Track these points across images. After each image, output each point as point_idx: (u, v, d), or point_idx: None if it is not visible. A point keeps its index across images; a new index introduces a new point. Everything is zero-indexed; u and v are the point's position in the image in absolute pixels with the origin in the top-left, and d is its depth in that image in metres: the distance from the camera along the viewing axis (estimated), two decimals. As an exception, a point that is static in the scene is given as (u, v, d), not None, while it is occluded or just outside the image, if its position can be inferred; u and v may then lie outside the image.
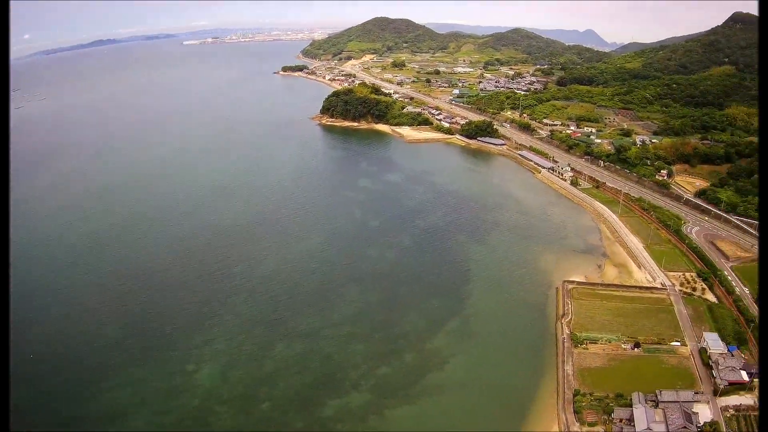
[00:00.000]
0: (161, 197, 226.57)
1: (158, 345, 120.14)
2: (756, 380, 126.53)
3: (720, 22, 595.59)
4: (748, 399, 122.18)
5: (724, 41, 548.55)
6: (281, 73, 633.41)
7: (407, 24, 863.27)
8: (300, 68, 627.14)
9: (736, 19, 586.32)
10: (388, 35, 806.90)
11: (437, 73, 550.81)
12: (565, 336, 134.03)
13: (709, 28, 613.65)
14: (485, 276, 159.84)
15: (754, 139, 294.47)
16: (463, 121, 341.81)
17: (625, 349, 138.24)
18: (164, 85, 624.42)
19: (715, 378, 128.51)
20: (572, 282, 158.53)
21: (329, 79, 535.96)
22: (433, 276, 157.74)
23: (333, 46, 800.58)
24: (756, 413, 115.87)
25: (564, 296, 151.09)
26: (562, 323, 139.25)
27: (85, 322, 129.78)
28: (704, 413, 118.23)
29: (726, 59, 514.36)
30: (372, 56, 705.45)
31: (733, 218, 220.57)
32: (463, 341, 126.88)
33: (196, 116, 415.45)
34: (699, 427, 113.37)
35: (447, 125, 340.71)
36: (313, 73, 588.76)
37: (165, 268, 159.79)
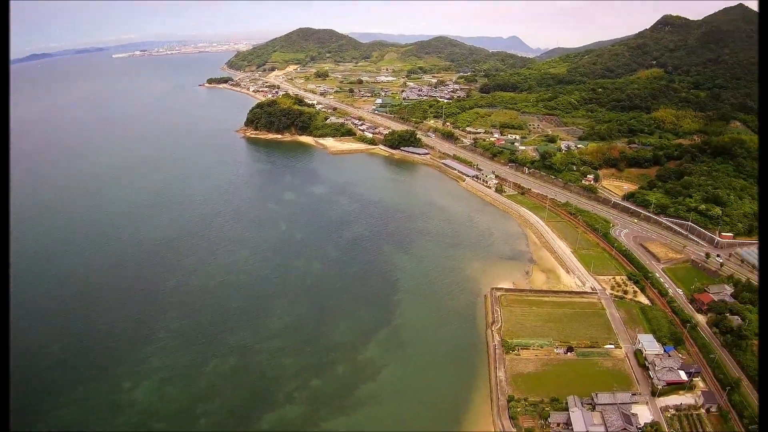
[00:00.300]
0: (88, 213, 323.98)
1: (97, 363, 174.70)
2: (696, 380, 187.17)
3: (648, 26, 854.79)
4: (689, 398, 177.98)
5: (653, 44, 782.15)
6: (206, 85, 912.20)
7: (331, 34, 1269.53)
8: (225, 80, 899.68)
9: (666, 21, 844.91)
10: (312, 45, 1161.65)
11: (360, 82, 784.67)
12: (495, 343, 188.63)
13: (636, 32, 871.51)
14: (413, 285, 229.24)
15: (684, 141, 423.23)
16: (386, 131, 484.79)
17: (557, 353, 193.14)
18: (89, 101, 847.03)
19: (652, 379, 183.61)
20: (500, 289, 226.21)
21: (253, 91, 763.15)
22: (361, 287, 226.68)
23: (257, 57, 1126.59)
24: (698, 412, 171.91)
25: (493, 303, 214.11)
26: (492, 330, 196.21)
27: (27, 340, 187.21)
28: (644, 414, 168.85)
29: (654, 62, 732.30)
30: (296, 67, 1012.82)
31: (664, 220, 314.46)
32: (395, 351, 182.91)
33: (119, 133, 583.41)
34: (639, 428, 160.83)
35: (370, 136, 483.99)
36: (237, 84, 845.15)
37: (100, 285, 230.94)
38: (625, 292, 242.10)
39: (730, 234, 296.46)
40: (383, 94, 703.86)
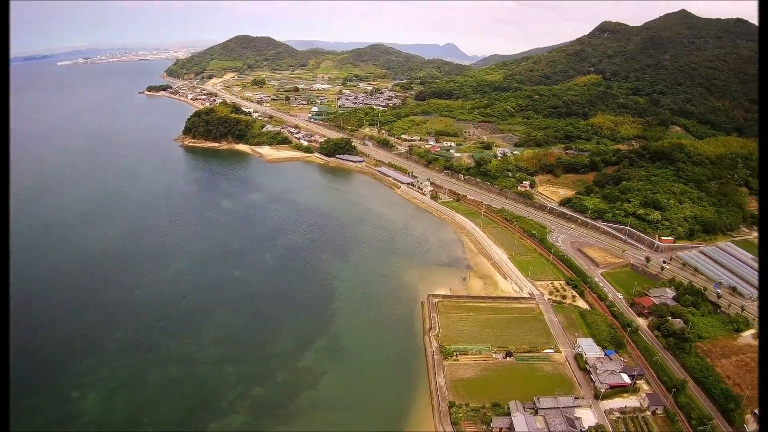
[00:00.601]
0: (26, 225, 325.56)
1: (45, 374, 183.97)
2: (639, 382, 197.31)
3: (586, 32, 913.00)
4: (633, 401, 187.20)
5: (591, 50, 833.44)
6: (146, 93, 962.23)
7: (268, 42, 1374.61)
8: (164, 88, 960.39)
9: (604, 28, 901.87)
10: (250, 53, 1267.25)
11: (296, 90, 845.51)
12: (434, 349, 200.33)
13: (574, 38, 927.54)
14: (351, 293, 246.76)
15: (622, 146, 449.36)
16: (321, 139, 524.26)
17: (496, 358, 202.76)
18: (24, 112, 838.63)
19: (594, 382, 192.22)
20: (437, 296, 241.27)
21: (191, 99, 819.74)
22: (299, 295, 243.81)
23: (196, 65, 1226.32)
24: (643, 414, 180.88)
25: (430, 310, 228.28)
26: (429, 337, 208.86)
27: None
28: (587, 418, 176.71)
29: (592, 68, 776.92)
30: (233, 74, 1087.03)
31: (602, 225, 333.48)
32: (334, 358, 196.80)
33: (59, 142, 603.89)
34: (584, 431, 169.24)
35: (306, 143, 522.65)
36: (176, 92, 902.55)
37: (44, 295, 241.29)
38: (564, 297, 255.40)
39: (671, 238, 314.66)
40: (319, 102, 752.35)
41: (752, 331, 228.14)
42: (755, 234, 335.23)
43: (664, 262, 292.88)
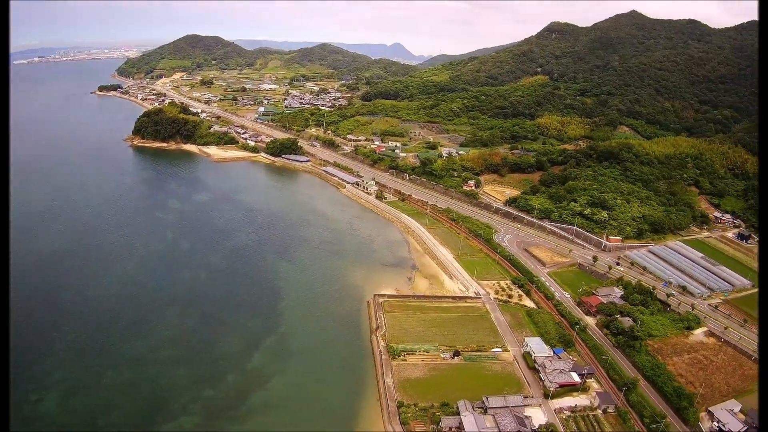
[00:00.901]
0: None
1: None
2: (589, 381, 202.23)
3: (534, 33, 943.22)
4: (584, 400, 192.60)
5: (539, 51, 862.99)
6: (98, 93, 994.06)
7: (217, 41, 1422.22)
8: (115, 87, 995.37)
9: (552, 29, 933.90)
10: (198, 53, 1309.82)
11: (244, 90, 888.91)
12: (381, 349, 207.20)
13: (522, 39, 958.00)
14: (297, 293, 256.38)
15: (569, 146, 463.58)
16: (268, 139, 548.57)
17: (444, 358, 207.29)
18: None
19: (543, 381, 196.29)
20: (383, 295, 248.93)
21: (141, 99, 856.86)
22: (247, 296, 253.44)
23: (146, 65, 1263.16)
24: (594, 413, 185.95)
25: (376, 310, 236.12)
26: (376, 336, 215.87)
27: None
28: (537, 417, 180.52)
29: (539, 69, 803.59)
30: (182, 74, 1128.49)
31: (548, 225, 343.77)
32: (283, 359, 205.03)
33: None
34: (534, 430, 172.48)
35: (252, 144, 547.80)
36: (126, 92, 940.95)
37: None
38: (510, 296, 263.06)
39: (619, 237, 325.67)
40: (266, 102, 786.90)
41: (703, 329, 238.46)
42: (706, 233, 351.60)
43: (617, 263, 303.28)
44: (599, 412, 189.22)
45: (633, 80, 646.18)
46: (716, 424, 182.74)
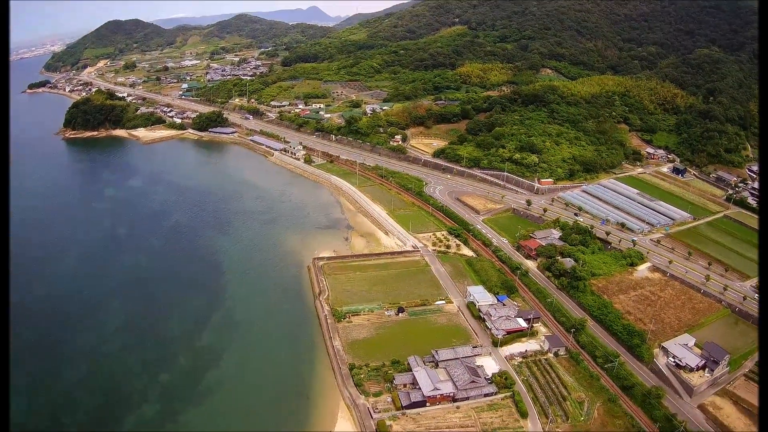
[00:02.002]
0: None
1: None
2: (536, 326, 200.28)
3: None
4: (533, 344, 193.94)
5: (455, 1, 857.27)
6: (28, 91, 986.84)
7: (137, 24, 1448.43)
8: (43, 83, 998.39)
9: None
10: (120, 38, 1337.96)
11: (166, 69, 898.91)
12: (326, 313, 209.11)
13: None
14: (238, 265, 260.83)
15: (492, 93, 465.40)
16: (194, 115, 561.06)
17: (389, 316, 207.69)
18: None
19: (490, 329, 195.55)
20: (322, 258, 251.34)
21: (69, 91, 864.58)
22: (189, 274, 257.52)
23: (71, 57, 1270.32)
24: (545, 357, 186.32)
25: (317, 273, 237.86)
26: (320, 301, 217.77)
27: None
28: (489, 365, 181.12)
29: (457, 19, 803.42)
30: (106, 61, 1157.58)
31: (478, 173, 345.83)
32: (231, 333, 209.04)
33: None
34: (488, 378, 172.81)
35: (179, 121, 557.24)
36: (55, 86, 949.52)
37: None
38: (448, 247, 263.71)
39: (550, 180, 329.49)
40: (189, 78, 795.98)
41: (647, 264, 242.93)
42: (639, 170, 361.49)
43: (551, 205, 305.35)
44: (551, 355, 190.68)
45: (553, 23, 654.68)
46: (672, 359, 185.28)
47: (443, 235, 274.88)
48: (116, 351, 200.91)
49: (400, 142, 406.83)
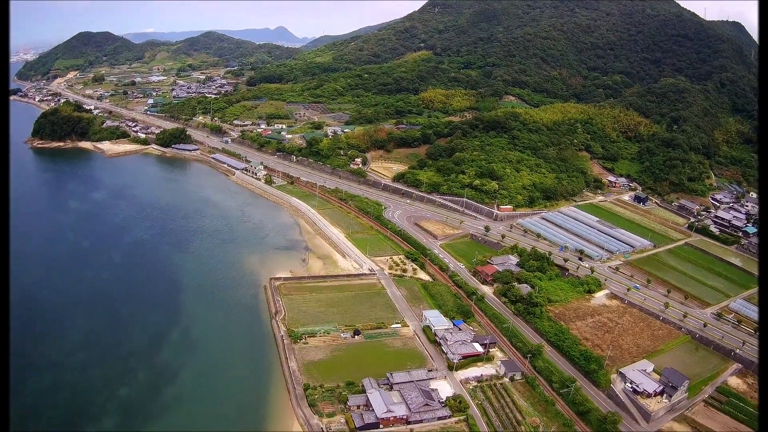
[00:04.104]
0: None
1: None
2: (493, 350, 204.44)
3: (417, 9, 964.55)
4: (489, 369, 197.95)
5: (421, 26, 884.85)
6: None
7: (107, 36, 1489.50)
8: (15, 92, 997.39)
9: (435, 3, 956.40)
10: (90, 50, 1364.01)
11: (133, 84, 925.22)
12: (282, 333, 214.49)
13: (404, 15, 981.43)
14: (196, 284, 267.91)
15: (454, 118, 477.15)
16: (158, 131, 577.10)
17: (344, 338, 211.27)
18: None
19: (446, 353, 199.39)
20: (279, 279, 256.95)
21: (39, 100, 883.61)
22: (148, 290, 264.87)
23: (42, 66, 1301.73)
24: (501, 381, 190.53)
25: (273, 293, 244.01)
26: (276, 321, 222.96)
27: None
28: (444, 389, 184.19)
29: (422, 44, 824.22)
30: (76, 72, 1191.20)
31: (437, 198, 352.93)
32: (188, 351, 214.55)
33: None
34: (442, 402, 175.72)
35: (143, 136, 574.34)
36: (26, 95, 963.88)
37: None
38: (404, 271, 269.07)
39: (509, 206, 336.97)
40: (155, 94, 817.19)
41: (605, 291, 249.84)
42: (600, 197, 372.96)
43: (510, 231, 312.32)
44: (506, 380, 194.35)
45: (518, 51, 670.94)
46: (629, 385, 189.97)
47: (400, 258, 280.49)
48: (79, 364, 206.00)
49: (361, 166, 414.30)
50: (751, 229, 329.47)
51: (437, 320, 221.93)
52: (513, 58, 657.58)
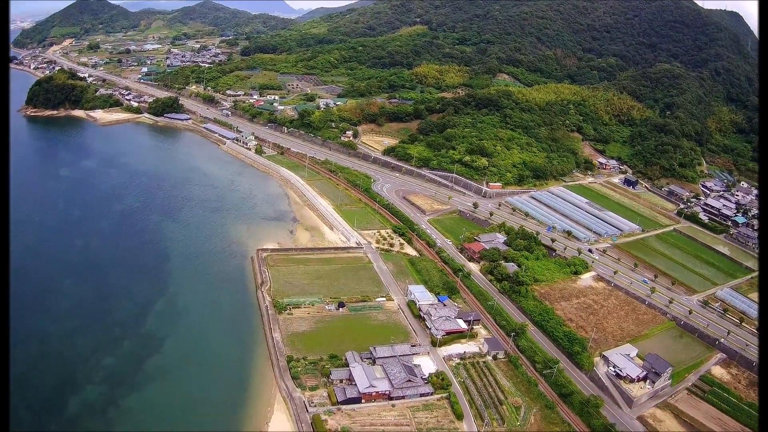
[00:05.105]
0: None
1: None
2: (476, 328, 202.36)
3: None
4: (472, 346, 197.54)
5: (417, 1, 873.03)
6: None
7: (104, 5, 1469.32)
8: (11, 59, 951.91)
9: None
10: (87, 18, 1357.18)
11: (128, 52, 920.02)
12: (267, 304, 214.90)
13: None
14: (183, 253, 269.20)
15: (447, 94, 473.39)
16: (151, 99, 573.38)
17: (329, 310, 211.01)
18: None
19: (430, 329, 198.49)
20: (266, 250, 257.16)
21: (34, 68, 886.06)
22: (137, 259, 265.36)
23: (38, 34, 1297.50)
24: (484, 359, 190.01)
25: (260, 264, 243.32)
26: (262, 291, 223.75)
27: None
28: (427, 365, 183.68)
29: (418, 19, 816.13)
30: (71, 40, 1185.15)
31: (427, 173, 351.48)
32: (174, 320, 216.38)
33: None
34: (424, 378, 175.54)
35: (136, 104, 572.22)
36: (21, 63, 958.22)
37: None
38: (392, 245, 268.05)
39: (499, 184, 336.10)
40: (149, 62, 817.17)
41: (591, 273, 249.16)
42: (590, 179, 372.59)
43: (498, 209, 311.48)
44: (489, 358, 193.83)
45: (514, 29, 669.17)
46: (612, 369, 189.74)
47: (388, 233, 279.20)
48: (66, 332, 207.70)
49: (351, 138, 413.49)
50: (741, 219, 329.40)
51: (422, 295, 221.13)
52: (508, 36, 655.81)
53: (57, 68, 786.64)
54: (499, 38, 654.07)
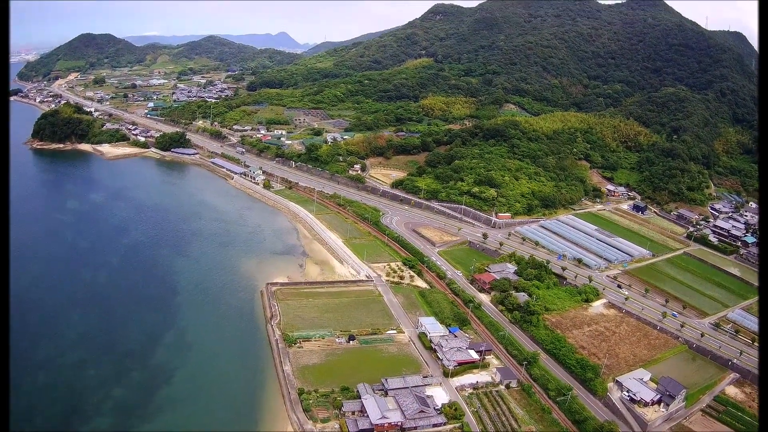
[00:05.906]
0: None
1: None
2: (488, 358, 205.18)
3: (418, 16, 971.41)
4: (485, 376, 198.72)
5: (422, 34, 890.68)
6: None
7: (109, 39, 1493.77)
8: (15, 92, 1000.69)
9: (437, 11, 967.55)
10: (92, 52, 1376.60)
11: (134, 87, 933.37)
12: (277, 337, 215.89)
13: (405, 23, 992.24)
14: (192, 286, 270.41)
15: (454, 126, 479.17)
16: (157, 134, 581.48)
17: (340, 343, 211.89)
18: None
19: (442, 360, 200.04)
20: (276, 284, 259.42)
21: (39, 101, 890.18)
22: (145, 291, 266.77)
23: (43, 67, 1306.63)
24: (497, 388, 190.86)
25: (269, 298, 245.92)
26: (272, 325, 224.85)
27: None
28: (439, 395, 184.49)
29: (423, 51, 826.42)
30: (77, 74, 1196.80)
31: (436, 205, 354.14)
32: (183, 353, 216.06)
33: None
34: (437, 409, 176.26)
35: (143, 139, 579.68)
36: (26, 96, 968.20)
37: None
38: (402, 278, 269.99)
39: (508, 214, 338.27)
40: (155, 97, 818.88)
41: (603, 300, 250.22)
42: (599, 206, 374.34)
43: (508, 239, 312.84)
44: (502, 387, 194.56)
45: (519, 59, 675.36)
46: (626, 394, 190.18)
47: (398, 265, 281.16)
48: (74, 363, 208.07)
49: (359, 172, 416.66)
50: (750, 239, 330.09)
51: (433, 327, 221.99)
52: (514, 66, 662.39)
53: (63, 102, 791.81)
54: (504, 68, 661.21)
